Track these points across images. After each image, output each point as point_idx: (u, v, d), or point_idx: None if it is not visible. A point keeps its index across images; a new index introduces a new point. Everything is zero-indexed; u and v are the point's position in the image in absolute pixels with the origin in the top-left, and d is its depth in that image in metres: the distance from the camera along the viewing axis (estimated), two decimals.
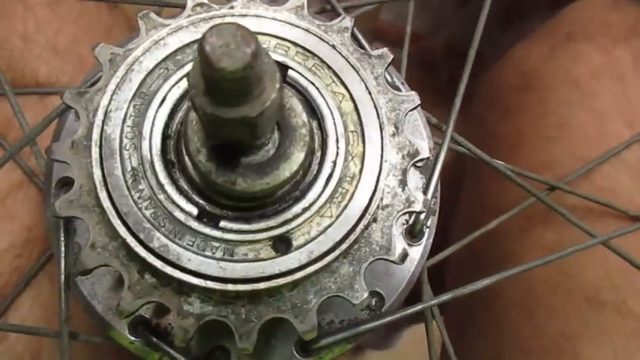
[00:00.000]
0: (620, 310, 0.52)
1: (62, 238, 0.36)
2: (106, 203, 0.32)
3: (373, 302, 0.40)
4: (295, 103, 0.32)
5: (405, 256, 0.35)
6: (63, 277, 0.35)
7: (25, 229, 0.48)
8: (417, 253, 0.41)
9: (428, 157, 0.37)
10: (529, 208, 0.54)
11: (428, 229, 0.41)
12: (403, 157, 0.34)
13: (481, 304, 0.61)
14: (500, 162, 0.51)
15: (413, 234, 0.41)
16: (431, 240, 0.42)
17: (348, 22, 0.37)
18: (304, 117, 0.32)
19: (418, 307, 0.40)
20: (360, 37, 0.43)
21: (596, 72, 0.60)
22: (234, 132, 0.26)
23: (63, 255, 0.36)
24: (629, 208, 0.53)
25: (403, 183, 0.34)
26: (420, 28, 1.28)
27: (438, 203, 0.42)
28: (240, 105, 0.25)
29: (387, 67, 0.37)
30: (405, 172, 0.34)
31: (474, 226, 0.66)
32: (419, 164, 0.40)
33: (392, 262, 0.33)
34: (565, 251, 0.45)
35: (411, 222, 0.41)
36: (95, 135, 0.32)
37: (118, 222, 0.31)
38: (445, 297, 0.40)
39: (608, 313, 0.52)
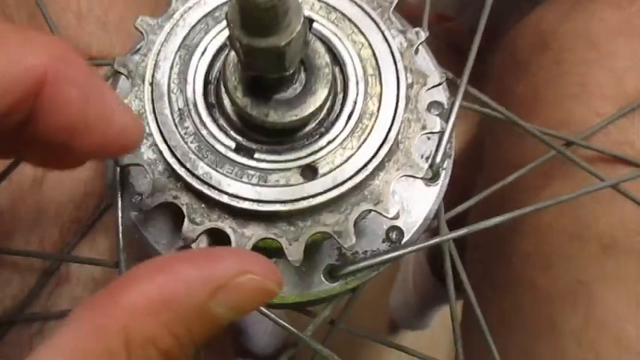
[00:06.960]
0: (636, 256, 0.53)
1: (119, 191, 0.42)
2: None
3: (393, 236, 0.43)
4: (318, 46, 0.37)
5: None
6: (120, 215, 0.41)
7: (82, 184, 0.54)
8: (434, 192, 0.45)
9: (439, 84, 0.40)
10: (547, 165, 0.56)
11: (444, 171, 0.45)
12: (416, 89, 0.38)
13: (500, 260, 0.64)
14: (514, 116, 0.53)
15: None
16: (447, 181, 0.45)
17: None
18: (327, 58, 0.37)
19: (435, 240, 0.44)
20: None
21: (612, 31, 0.62)
22: (265, 60, 0.31)
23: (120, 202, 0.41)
24: None
25: (417, 112, 0.38)
26: (447, 9, 1.30)
27: (453, 148, 0.46)
28: (270, 35, 0.29)
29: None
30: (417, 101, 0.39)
31: (493, 183, 0.69)
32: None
33: (421, 178, 0.39)
34: (577, 192, 0.48)
35: (428, 164, 0.45)
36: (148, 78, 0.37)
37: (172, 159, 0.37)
38: (461, 232, 0.44)
39: (624, 259, 0.54)
